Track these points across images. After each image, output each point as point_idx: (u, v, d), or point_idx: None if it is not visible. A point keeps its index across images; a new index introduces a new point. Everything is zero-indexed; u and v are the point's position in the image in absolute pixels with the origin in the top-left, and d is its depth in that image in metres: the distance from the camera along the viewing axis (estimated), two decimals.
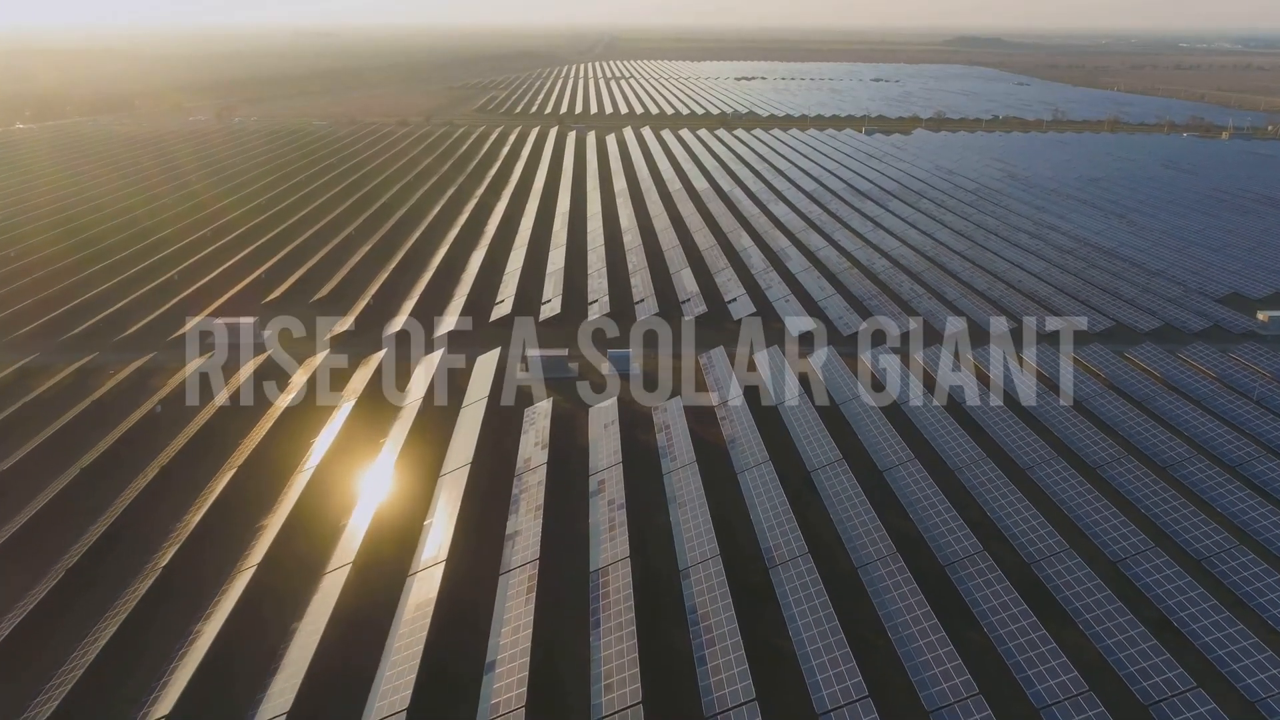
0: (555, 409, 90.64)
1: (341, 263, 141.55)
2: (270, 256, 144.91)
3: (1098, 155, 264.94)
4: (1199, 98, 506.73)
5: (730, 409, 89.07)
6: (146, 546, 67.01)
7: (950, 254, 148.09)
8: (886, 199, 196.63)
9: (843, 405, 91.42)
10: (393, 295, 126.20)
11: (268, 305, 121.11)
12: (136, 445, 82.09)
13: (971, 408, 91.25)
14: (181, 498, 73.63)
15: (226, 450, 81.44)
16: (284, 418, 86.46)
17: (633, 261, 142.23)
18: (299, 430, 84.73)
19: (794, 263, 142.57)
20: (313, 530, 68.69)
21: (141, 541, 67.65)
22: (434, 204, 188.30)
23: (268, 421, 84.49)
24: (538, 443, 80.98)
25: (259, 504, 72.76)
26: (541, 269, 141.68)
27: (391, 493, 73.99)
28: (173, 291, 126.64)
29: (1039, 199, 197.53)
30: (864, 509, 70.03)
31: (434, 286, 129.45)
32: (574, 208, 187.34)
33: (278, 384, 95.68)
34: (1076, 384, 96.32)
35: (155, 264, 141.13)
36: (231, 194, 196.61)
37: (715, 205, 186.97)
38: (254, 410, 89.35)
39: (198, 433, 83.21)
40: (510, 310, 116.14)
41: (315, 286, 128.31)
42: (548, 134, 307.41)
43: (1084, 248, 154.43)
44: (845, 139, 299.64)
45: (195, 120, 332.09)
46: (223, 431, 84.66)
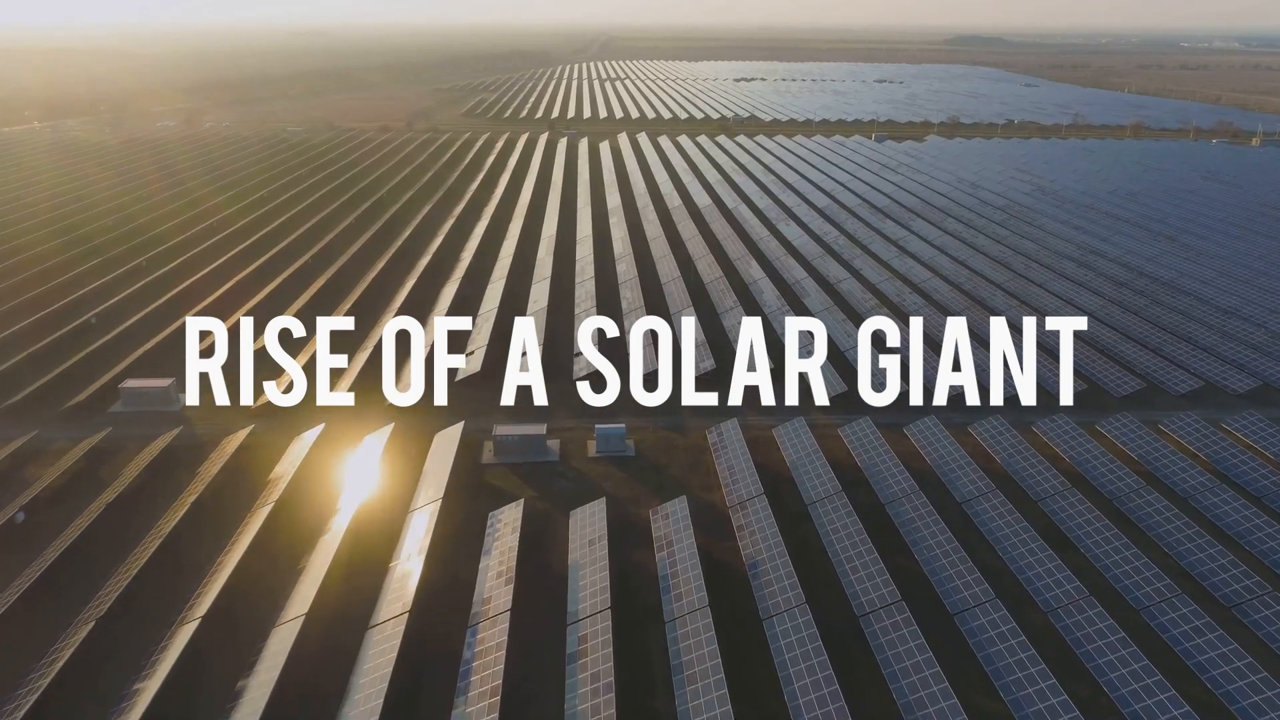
0: (528, 513, 71.91)
1: (283, 305, 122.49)
2: (206, 295, 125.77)
3: (1128, 165, 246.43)
4: (1215, 100, 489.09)
5: (749, 514, 70.22)
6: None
7: (990, 287, 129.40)
8: (909, 218, 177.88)
9: (892, 505, 72.62)
10: (341, 349, 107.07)
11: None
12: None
13: (1049, 505, 72.57)
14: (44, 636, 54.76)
15: (108, 563, 62.45)
16: (182, 527, 67.55)
17: (627, 299, 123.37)
18: (201, 539, 65.79)
19: (813, 300, 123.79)
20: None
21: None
22: (404, 228, 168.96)
23: (153, 541, 65.45)
24: (501, 573, 62.05)
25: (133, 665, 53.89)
26: (522, 306, 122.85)
27: (304, 655, 55.10)
28: (84, 342, 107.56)
29: (1075, 217, 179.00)
30: (939, 686, 51.29)
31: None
32: (562, 230, 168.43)
33: (185, 469, 76.87)
34: (1179, 474, 77.53)
35: (68, 307, 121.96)
36: (174, 217, 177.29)
37: (719, 226, 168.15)
38: (150, 506, 70.33)
39: (71, 546, 64.29)
40: (480, 367, 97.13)
41: (249, 336, 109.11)
42: (537, 141, 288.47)
43: (1139, 279, 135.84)
44: (855, 146, 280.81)
45: (162, 126, 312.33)
46: (107, 534, 65.67)
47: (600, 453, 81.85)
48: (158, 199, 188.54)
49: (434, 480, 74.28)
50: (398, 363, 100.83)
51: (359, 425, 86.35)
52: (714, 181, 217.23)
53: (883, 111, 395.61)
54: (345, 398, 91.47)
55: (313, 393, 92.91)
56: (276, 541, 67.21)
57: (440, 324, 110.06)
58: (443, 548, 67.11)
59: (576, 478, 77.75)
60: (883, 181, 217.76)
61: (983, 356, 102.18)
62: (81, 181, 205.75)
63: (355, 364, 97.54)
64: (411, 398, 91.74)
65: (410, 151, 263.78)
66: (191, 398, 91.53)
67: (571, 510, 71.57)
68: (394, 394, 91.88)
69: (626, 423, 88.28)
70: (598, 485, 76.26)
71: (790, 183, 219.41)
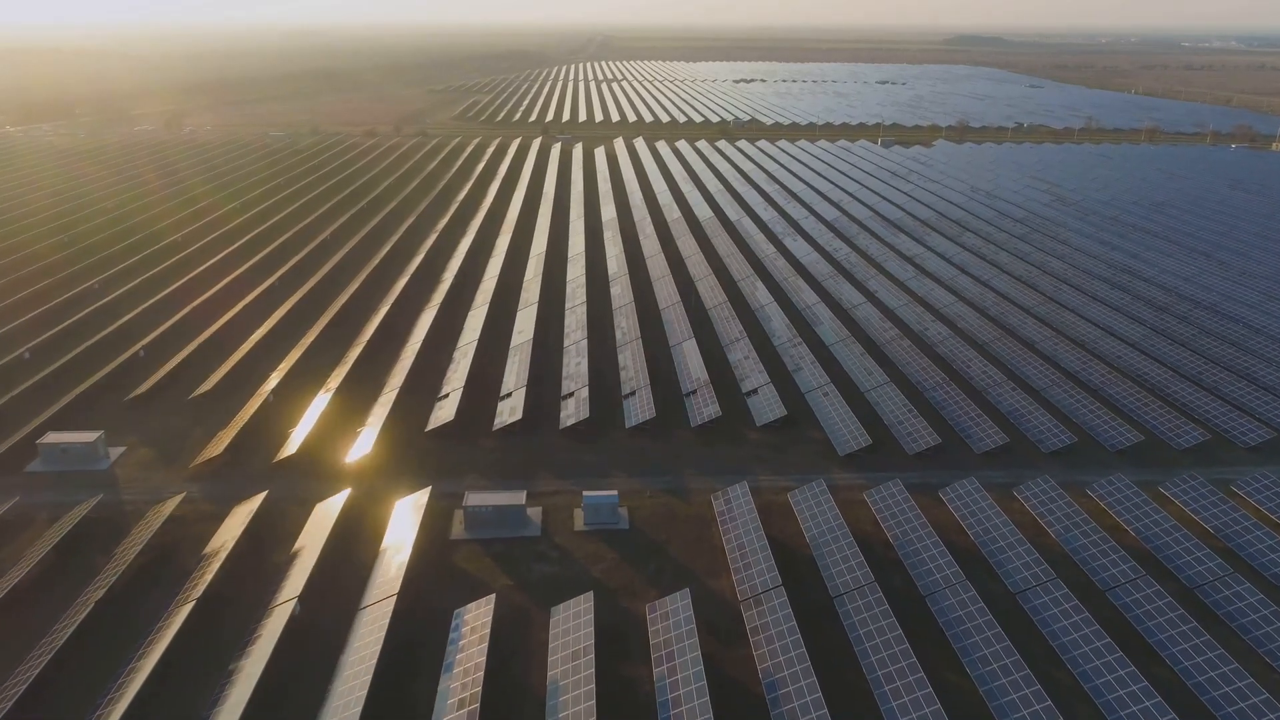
0: (501, 610, 60.40)
1: (238, 339, 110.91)
2: (153, 328, 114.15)
3: (1148, 173, 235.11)
4: (1226, 102, 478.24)
5: (765, 612, 58.72)
6: None
7: (1019, 313, 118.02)
8: (924, 232, 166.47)
9: (934, 597, 61.14)
10: (296, 389, 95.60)
11: (132, 403, 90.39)
12: None
13: (1120, 597, 61.10)
14: None
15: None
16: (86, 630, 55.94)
17: (622, 328, 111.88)
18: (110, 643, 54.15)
19: (826, 329, 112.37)
20: None
21: None
22: (382, 245, 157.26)
23: (42, 655, 53.84)
24: (463, 701, 50.52)
25: None
26: (506, 337, 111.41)
27: None
28: (10, 383, 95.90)
29: (1101, 231, 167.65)
30: None
31: (357, 375, 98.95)
32: (552, 246, 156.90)
33: (102, 549, 65.29)
34: (1267, 553, 66.02)
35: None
36: (132, 234, 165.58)
37: (721, 241, 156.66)
38: (49, 604, 58.64)
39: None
40: (453, 415, 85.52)
41: (195, 377, 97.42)
42: (530, 146, 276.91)
43: (1181, 303, 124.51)
44: (861, 152, 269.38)
45: (140, 130, 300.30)
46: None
47: (589, 525, 70.34)
48: (119, 212, 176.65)
49: (390, 566, 62.75)
50: (359, 411, 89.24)
51: (310, 488, 74.78)
52: (715, 191, 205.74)
53: (887, 114, 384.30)
54: (297, 455, 79.89)
55: (261, 448, 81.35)
56: (196, 647, 55.65)
57: (410, 361, 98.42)
58: (395, 661, 55.57)
59: (561, 559, 66.24)
60: (893, 191, 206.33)
61: (1021, 400, 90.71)
62: (36, 190, 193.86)
63: (310, 413, 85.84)
64: (372, 455, 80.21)
65: (395, 159, 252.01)
66: (122, 453, 79.92)
67: (553, 606, 60.05)
68: (353, 449, 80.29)
69: (620, 482, 76.86)
70: (585, 570, 64.74)
71: (795, 192, 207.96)
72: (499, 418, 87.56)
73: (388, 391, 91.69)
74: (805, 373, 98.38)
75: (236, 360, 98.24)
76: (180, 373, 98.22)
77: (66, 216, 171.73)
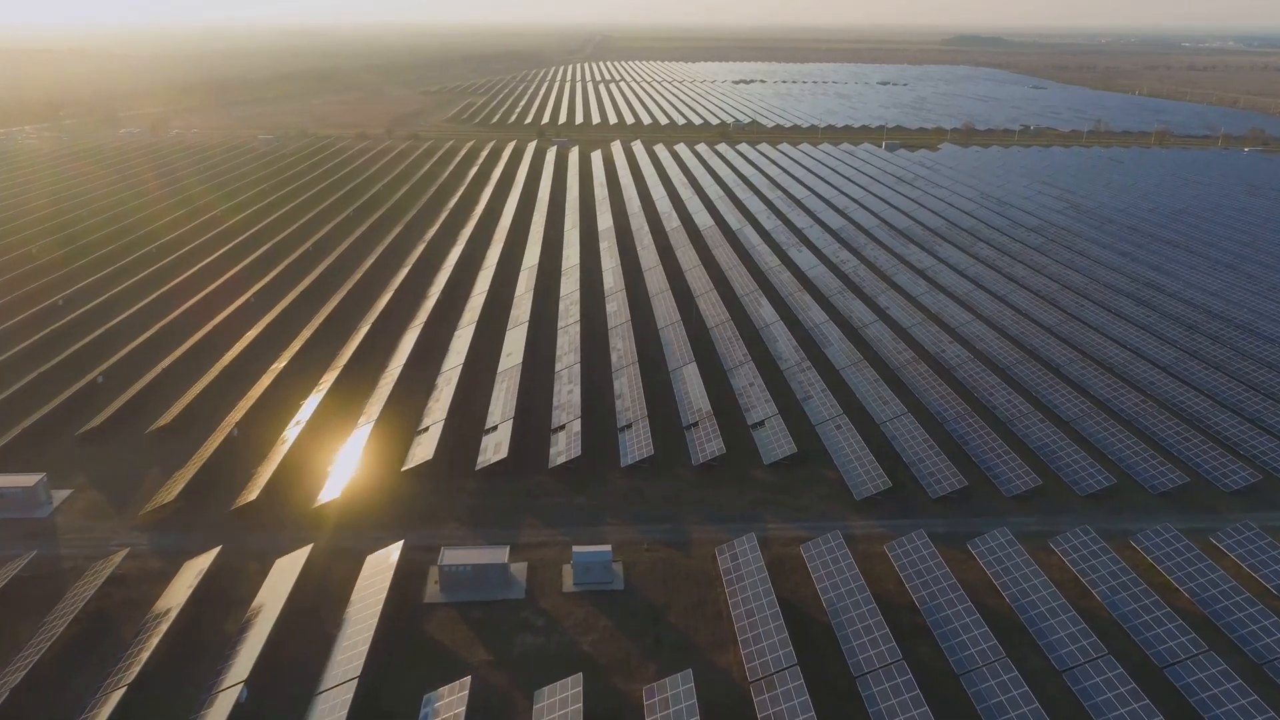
0: (476, 696, 53.05)
1: (203, 367, 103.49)
2: (116, 350, 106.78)
3: (1162, 177, 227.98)
4: (1233, 103, 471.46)
5: (778, 699, 51.40)
6: None
7: (1041, 332, 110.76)
8: (934, 242, 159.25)
9: (969, 676, 53.82)
10: (264, 422, 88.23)
11: (85, 438, 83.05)
12: None
13: (1180, 675, 53.80)
14: None
15: None
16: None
17: (618, 350, 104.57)
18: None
19: (836, 350, 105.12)
20: None
21: None
22: (366, 257, 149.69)
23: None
24: None
25: None
26: (493, 360, 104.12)
27: None
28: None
29: (1120, 241, 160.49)
30: None
31: (332, 404, 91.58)
32: (545, 258, 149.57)
33: (32, 615, 57.93)
34: None
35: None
36: (104, 245, 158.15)
37: (723, 253, 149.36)
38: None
39: None
40: (433, 453, 78.18)
41: (156, 407, 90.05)
42: (525, 150, 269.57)
43: (1211, 321, 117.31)
44: (866, 156, 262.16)
45: (126, 133, 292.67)
46: None
47: (579, 585, 63.00)
48: (92, 221, 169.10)
49: (354, 640, 55.42)
50: (331, 447, 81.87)
51: (271, 540, 67.41)
52: (715, 198, 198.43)
53: (890, 116, 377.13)
54: (259, 500, 72.54)
55: (221, 491, 74.00)
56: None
57: (389, 389, 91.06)
58: None
59: (547, 627, 58.90)
60: (900, 198, 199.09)
61: (1050, 434, 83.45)
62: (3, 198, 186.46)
63: (274, 454, 78.42)
64: (342, 499, 72.87)
65: (385, 164, 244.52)
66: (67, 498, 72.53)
67: (537, 690, 52.69)
68: (321, 492, 72.96)
69: (615, 531, 69.59)
70: (573, 642, 57.40)
71: (799, 199, 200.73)
72: (483, 455, 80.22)
73: (363, 423, 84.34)
74: (815, 402, 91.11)
75: (202, 388, 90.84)
76: (141, 402, 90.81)
77: (30, 227, 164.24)
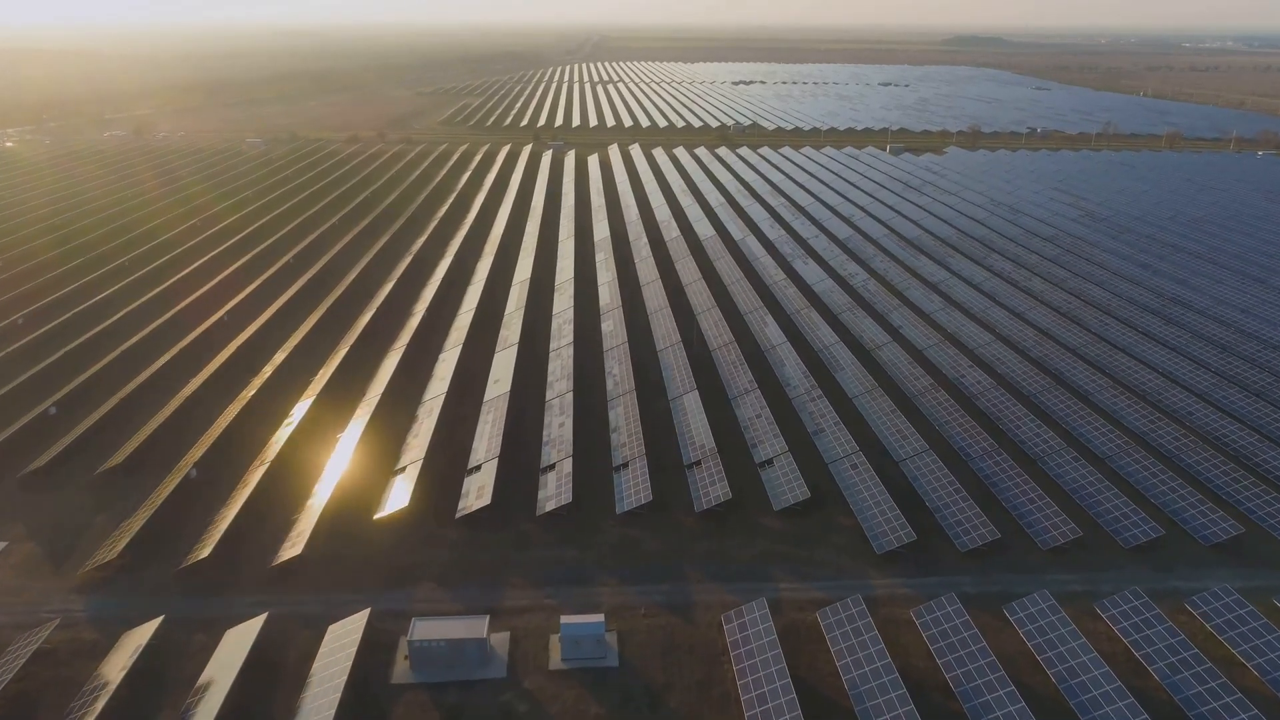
0: None
1: (162, 398, 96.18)
2: (71, 378, 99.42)
3: (1177, 183, 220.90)
4: (1239, 105, 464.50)
5: None
6: None
7: (1065, 354, 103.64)
8: (946, 253, 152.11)
9: None
10: (226, 461, 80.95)
11: (28, 479, 75.76)
12: None
13: None
14: None
15: None
16: None
17: (614, 377, 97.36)
18: None
19: (848, 376, 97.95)
20: None
21: None
22: (350, 270, 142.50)
23: None
24: None
25: None
26: (480, 385, 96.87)
27: None
28: None
29: (1139, 251, 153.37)
30: None
31: (301, 440, 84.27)
32: (538, 271, 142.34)
33: None
34: None
35: None
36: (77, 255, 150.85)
37: (725, 265, 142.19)
38: None
39: None
40: (408, 499, 70.97)
41: (107, 443, 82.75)
42: (520, 154, 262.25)
43: (1243, 340, 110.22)
44: (870, 160, 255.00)
45: (111, 136, 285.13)
46: None
47: (568, 661, 55.84)
48: (59, 232, 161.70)
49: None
50: (299, 492, 74.62)
51: (222, 605, 60.17)
52: (716, 205, 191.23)
53: (894, 118, 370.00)
54: (213, 556, 65.28)
55: (170, 545, 66.76)
56: None
57: (364, 423, 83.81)
58: None
59: (532, 713, 51.69)
60: (908, 205, 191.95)
61: (1086, 475, 76.34)
62: None
63: (234, 499, 71.14)
64: (305, 554, 65.65)
65: (375, 169, 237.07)
66: (1, 553, 65.42)
67: None
68: (283, 547, 65.74)
69: (609, 592, 62.47)
70: None
71: (803, 206, 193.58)
72: (464, 500, 73.00)
73: (334, 464, 77.08)
74: (828, 436, 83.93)
75: (160, 423, 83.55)
76: (93, 436, 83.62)
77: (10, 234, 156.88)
